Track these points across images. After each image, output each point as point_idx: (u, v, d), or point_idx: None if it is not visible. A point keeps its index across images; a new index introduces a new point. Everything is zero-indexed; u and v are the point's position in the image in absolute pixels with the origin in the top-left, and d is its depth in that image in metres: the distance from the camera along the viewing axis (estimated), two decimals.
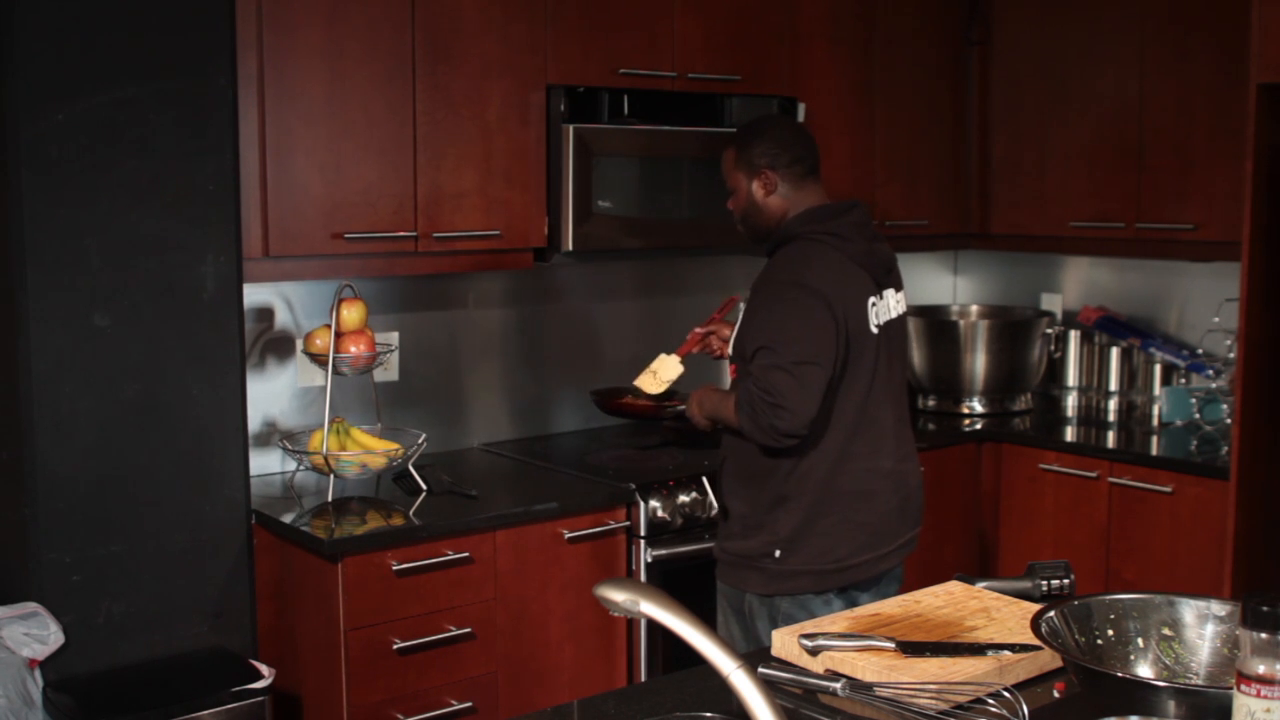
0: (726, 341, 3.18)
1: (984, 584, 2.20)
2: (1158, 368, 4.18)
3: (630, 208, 3.52)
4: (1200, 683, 1.70)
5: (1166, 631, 1.75)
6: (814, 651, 1.89)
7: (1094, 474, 3.79)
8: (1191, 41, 3.80)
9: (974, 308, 4.63)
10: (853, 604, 2.74)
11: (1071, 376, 4.39)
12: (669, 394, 3.51)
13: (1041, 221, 4.23)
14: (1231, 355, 3.86)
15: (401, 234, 3.17)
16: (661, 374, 3.36)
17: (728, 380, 4.09)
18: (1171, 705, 1.50)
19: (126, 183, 2.67)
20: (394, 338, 3.52)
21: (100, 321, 2.66)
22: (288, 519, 2.99)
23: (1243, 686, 1.40)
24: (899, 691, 1.74)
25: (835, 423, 2.73)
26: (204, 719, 2.59)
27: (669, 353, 3.37)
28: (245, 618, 2.88)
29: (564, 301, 3.89)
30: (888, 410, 2.81)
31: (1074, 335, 4.37)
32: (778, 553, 2.75)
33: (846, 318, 2.70)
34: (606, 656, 3.24)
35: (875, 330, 2.75)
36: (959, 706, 1.71)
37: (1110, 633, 1.76)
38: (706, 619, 1.31)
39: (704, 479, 3.34)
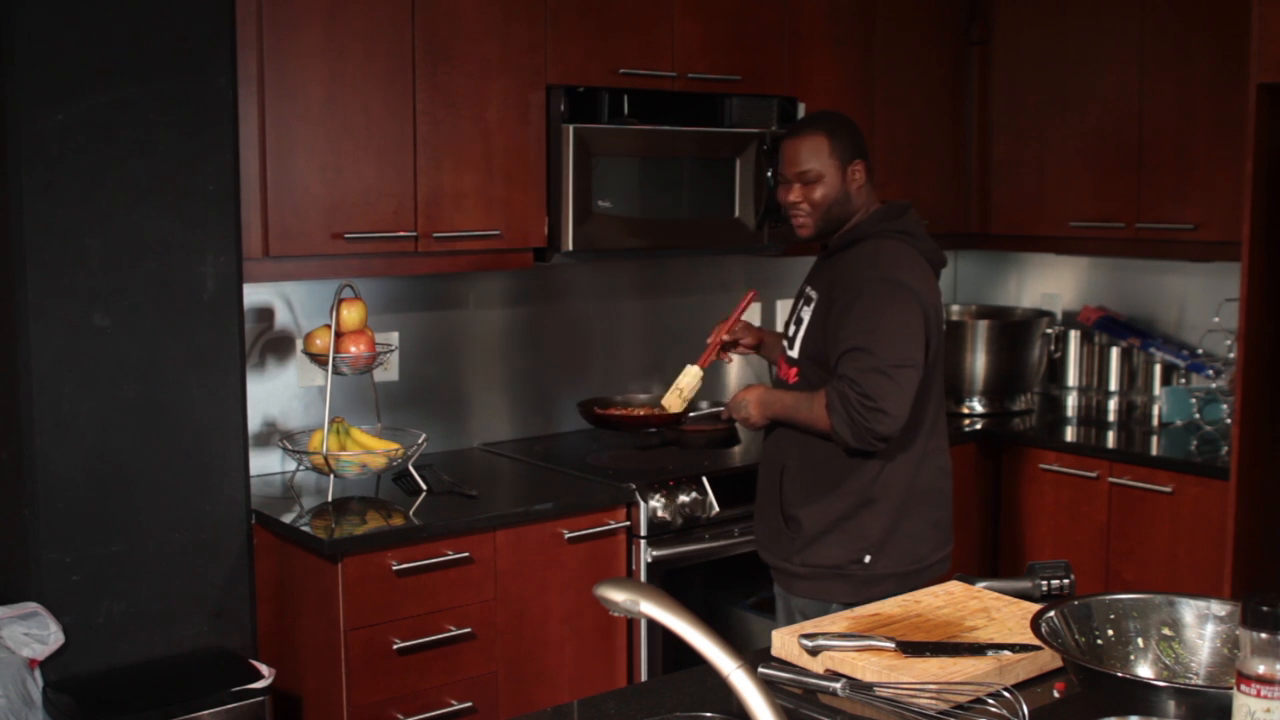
0: (752, 348, 3.14)
1: (984, 584, 2.20)
2: (1158, 368, 4.18)
3: (630, 208, 3.51)
4: (1200, 683, 1.70)
5: (1166, 631, 1.75)
6: (814, 651, 1.89)
7: (1094, 474, 3.79)
8: (1191, 41, 3.80)
9: (974, 308, 4.63)
10: None
11: (1071, 376, 4.39)
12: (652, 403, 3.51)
13: (1041, 221, 4.23)
14: (1231, 355, 3.86)
15: (401, 234, 3.17)
16: (685, 391, 3.20)
17: (759, 379, 4.06)
18: (1171, 705, 1.50)
19: (126, 183, 2.67)
20: (394, 338, 3.52)
21: (100, 321, 2.66)
22: (288, 519, 2.99)
23: (1243, 686, 1.40)
24: (899, 691, 1.74)
25: (918, 421, 2.74)
26: (204, 719, 2.59)
27: (692, 363, 3.20)
28: (245, 618, 2.88)
29: (564, 301, 3.89)
30: (945, 408, 2.89)
31: (1074, 335, 4.38)
32: (868, 558, 2.72)
33: (935, 316, 2.73)
34: (606, 656, 3.24)
35: (944, 328, 2.83)
36: (959, 706, 1.71)
37: (1110, 633, 1.76)
38: (706, 619, 1.31)
39: (704, 479, 3.34)
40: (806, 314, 2.79)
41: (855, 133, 2.84)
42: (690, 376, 3.18)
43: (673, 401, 3.22)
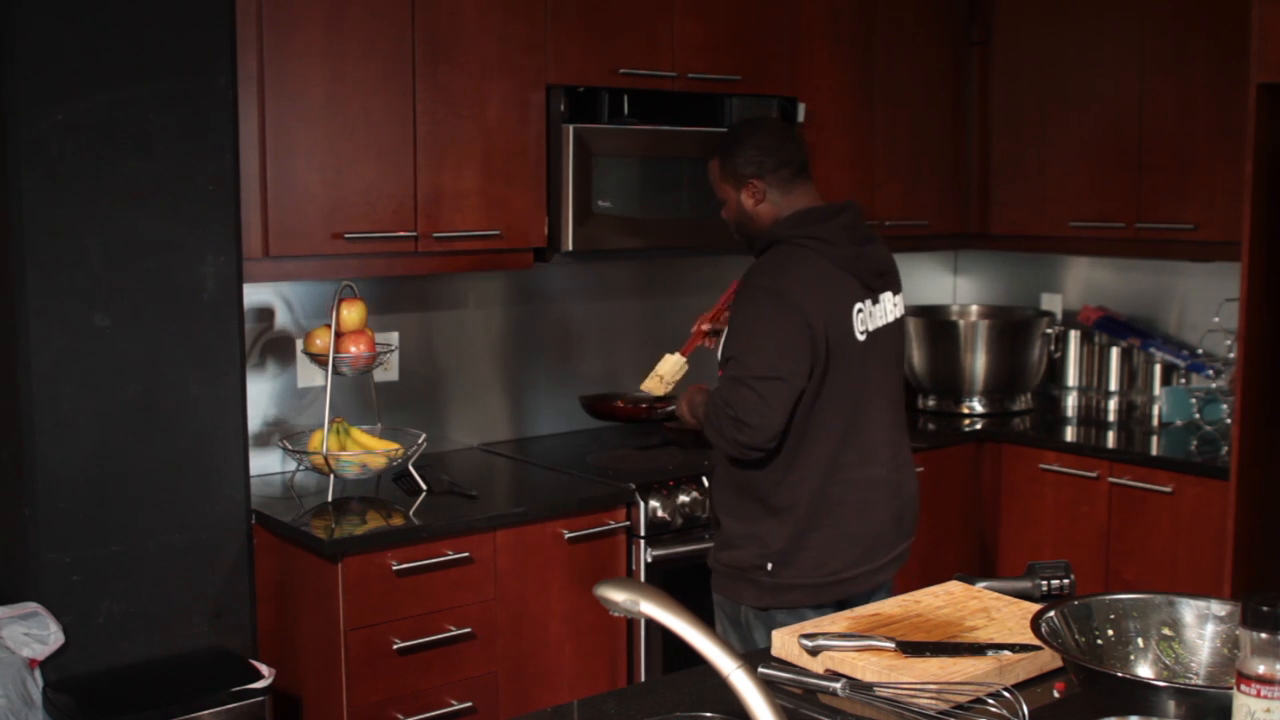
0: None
1: (984, 584, 2.20)
2: (1158, 368, 4.18)
3: (630, 208, 3.52)
4: (1200, 683, 1.70)
5: (1166, 631, 1.75)
6: (814, 651, 1.89)
7: (1094, 474, 3.79)
8: (1191, 41, 3.80)
9: (974, 308, 4.63)
10: None
11: (1071, 376, 4.39)
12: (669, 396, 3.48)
13: (1041, 221, 4.23)
14: (1231, 355, 3.86)
15: (401, 234, 3.17)
16: (667, 376, 3.22)
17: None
18: (1171, 705, 1.50)
19: (126, 183, 2.67)
20: (394, 338, 3.52)
21: (100, 321, 2.66)
22: (288, 519, 2.99)
23: (1243, 686, 1.40)
24: (899, 691, 1.74)
25: (823, 432, 2.66)
26: (204, 719, 2.59)
27: (673, 352, 3.24)
28: (245, 618, 2.88)
29: (564, 301, 3.89)
30: (882, 418, 2.75)
31: (1074, 335, 4.37)
32: (769, 565, 2.69)
33: (827, 327, 2.63)
34: (606, 656, 3.24)
35: (862, 337, 2.69)
36: (959, 706, 1.71)
37: (1110, 633, 1.76)
38: (706, 619, 1.31)
39: (704, 479, 3.34)
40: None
41: (760, 147, 2.74)
42: (669, 364, 3.19)
43: (653, 385, 3.23)
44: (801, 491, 2.67)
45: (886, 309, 2.77)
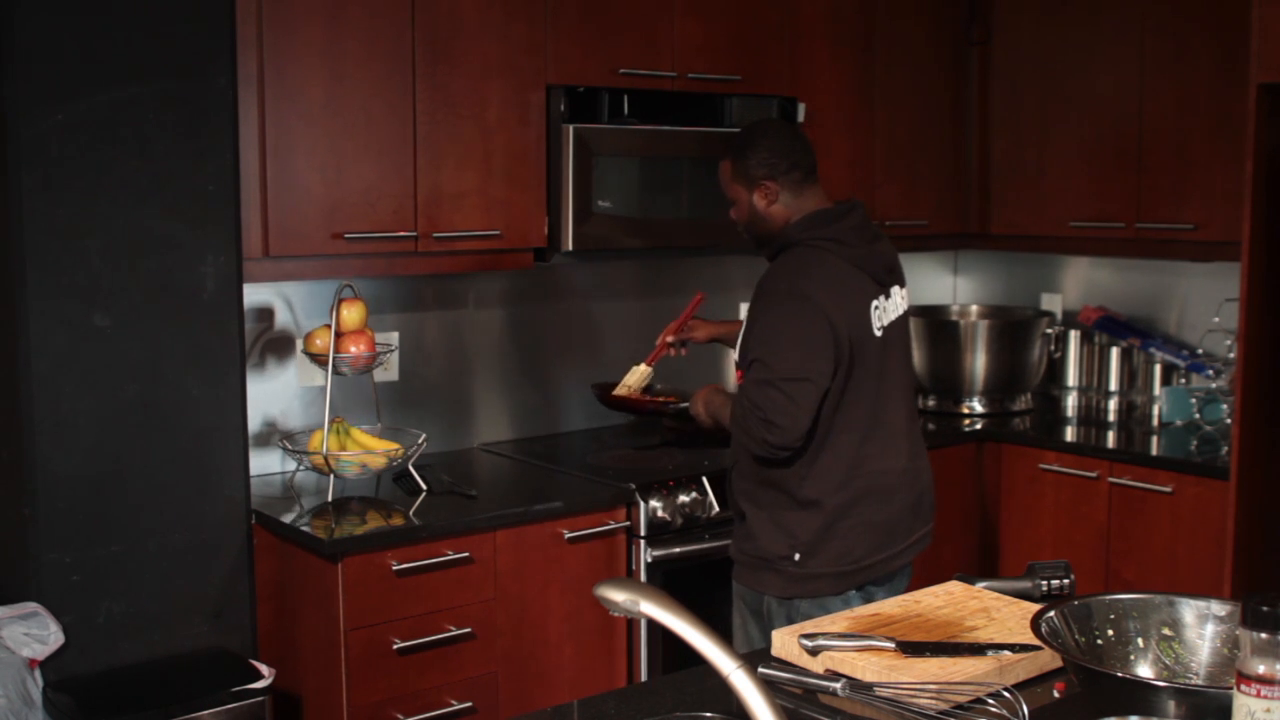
0: (706, 341, 3.35)
1: (984, 584, 2.20)
2: (1158, 368, 4.18)
3: (630, 208, 3.52)
4: (1200, 683, 1.70)
5: (1166, 631, 1.75)
6: (814, 651, 1.89)
7: (1094, 474, 3.79)
8: (1191, 41, 3.80)
9: (974, 308, 4.63)
10: (870, 600, 2.76)
11: (1071, 376, 4.39)
12: (667, 391, 3.75)
13: (1041, 221, 4.23)
14: (1231, 355, 3.86)
15: (401, 234, 3.17)
16: (634, 385, 3.63)
17: (733, 383, 4.13)
18: (1171, 705, 1.50)
19: (126, 183, 2.67)
20: (394, 338, 3.52)
21: (100, 321, 2.66)
22: (288, 519, 2.99)
23: (1243, 686, 1.40)
24: (899, 691, 1.74)
25: (847, 427, 2.73)
26: (204, 719, 2.59)
27: (639, 363, 3.63)
28: (245, 618, 2.88)
29: (564, 301, 3.89)
30: (899, 410, 2.82)
31: (1074, 335, 4.38)
32: (797, 556, 2.74)
33: (849, 327, 2.69)
34: (606, 656, 3.24)
35: (879, 334, 2.75)
36: (959, 706, 1.71)
37: (1110, 633, 1.76)
38: (706, 619, 1.31)
39: (704, 479, 3.34)
40: (744, 320, 2.85)
41: (774, 150, 2.78)
42: (638, 374, 3.63)
43: (622, 393, 3.67)
44: (828, 484, 2.73)
45: (897, 303, 2.84)
